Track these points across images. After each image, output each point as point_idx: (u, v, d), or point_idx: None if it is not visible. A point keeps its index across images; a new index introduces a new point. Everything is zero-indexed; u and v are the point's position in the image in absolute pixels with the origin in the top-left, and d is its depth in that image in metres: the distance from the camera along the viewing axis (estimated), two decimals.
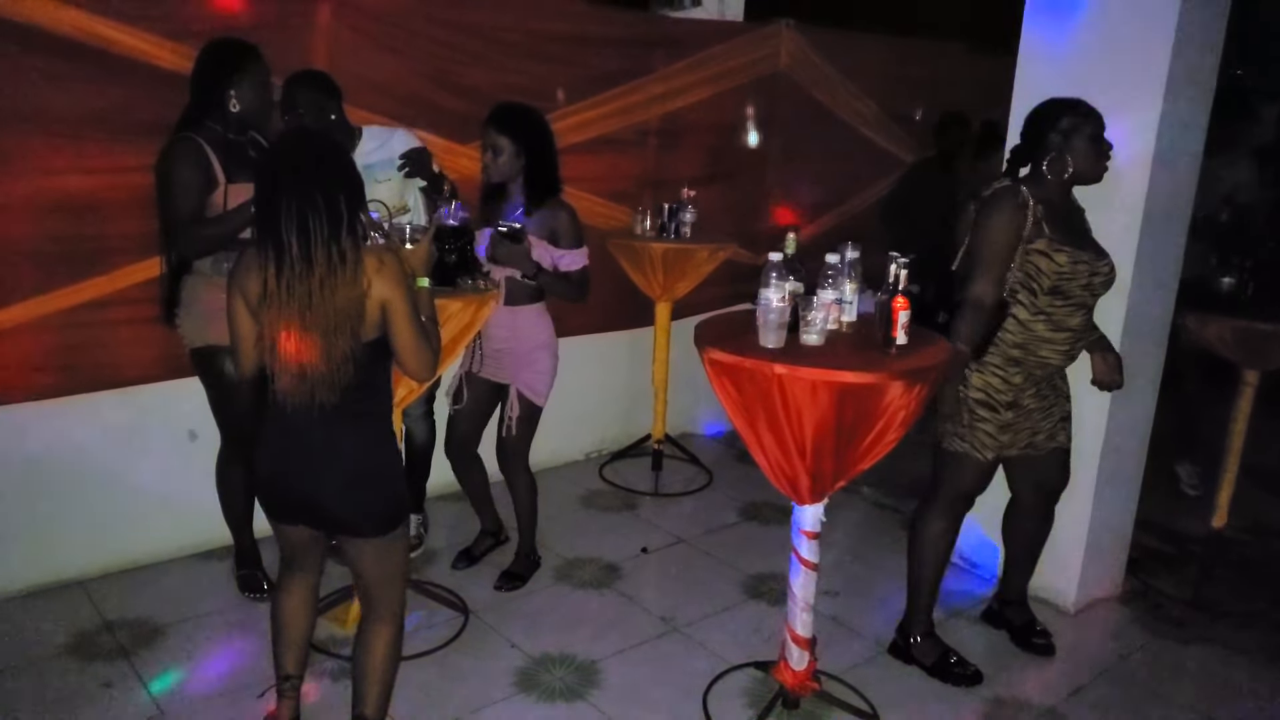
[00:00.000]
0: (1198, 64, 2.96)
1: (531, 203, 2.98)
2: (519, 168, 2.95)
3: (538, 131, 2.97)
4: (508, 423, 3.12)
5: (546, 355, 3.10)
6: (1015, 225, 2.52)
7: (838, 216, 5.05)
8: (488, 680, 2.75)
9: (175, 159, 2.70)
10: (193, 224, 2.71)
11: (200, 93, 2.76)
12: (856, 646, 2.99)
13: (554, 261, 2.98)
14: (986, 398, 2.65)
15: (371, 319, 1.97)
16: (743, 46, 4.44)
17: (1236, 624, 3.23)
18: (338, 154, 2.01)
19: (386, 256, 2.00)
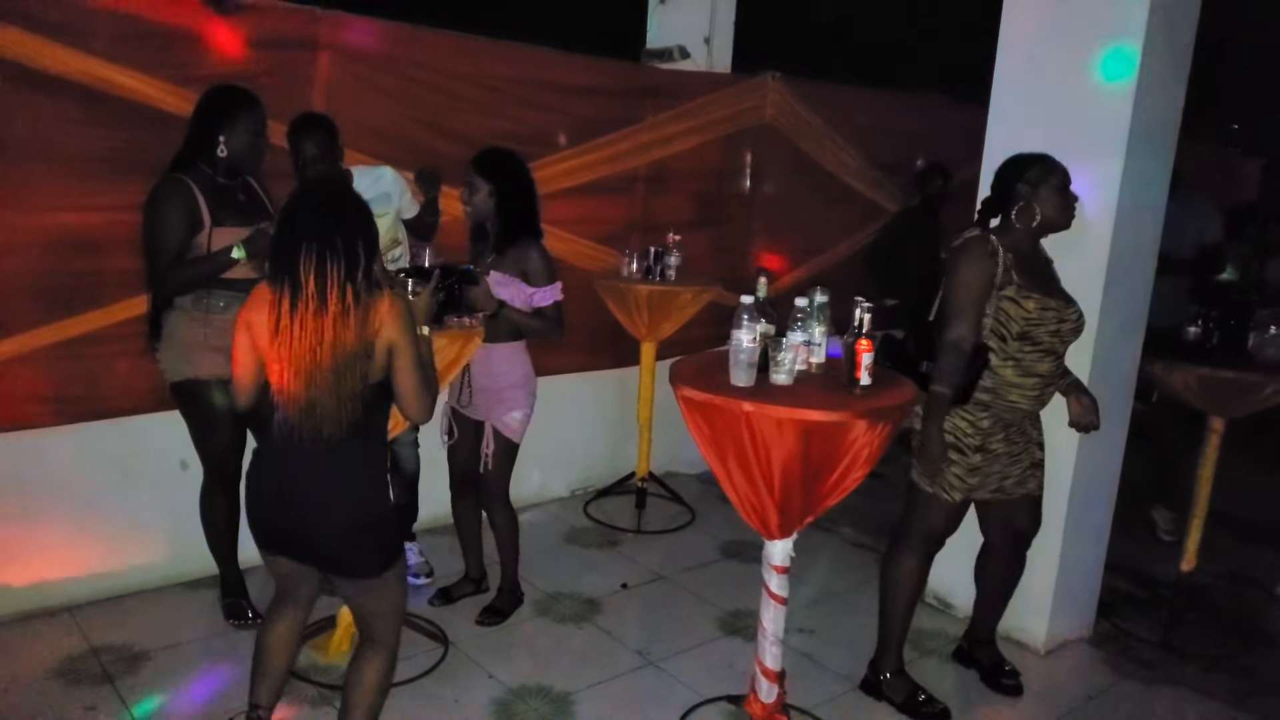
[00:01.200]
0: (1159, 119, 3.09)
1: (503, 241, 3.08)
2: (493, 207, 3.06)
3: (512, 174, 3.08)
4: (484, 459, 3.19)
5: (523, 394, 3.18)
6: (986, 271, 2.63)
7: (821, 263, 5.17)
8: (465, 709, 2.80)
9: (163, 199, 2.81)
10: (175, 264, 2.81)
11: (193, 136, 2.88)
12: (828, 683, 3.04)
13: (527, 299, 3.07)
14: (955, 440, 2.74)
15: (379, 361, 2.04)
16: (729, 98, 4.60)
17: (1204, 667, 3.28)
18: (358, 202, 2.10)
19: (397, 301, 2.07)
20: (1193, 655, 3.35)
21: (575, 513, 4.36)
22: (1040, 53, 3.18)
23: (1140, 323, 3.29)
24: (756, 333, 2.40)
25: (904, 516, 2.89)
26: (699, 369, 2.53)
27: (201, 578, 3.42)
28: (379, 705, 2.29)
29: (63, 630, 3.08)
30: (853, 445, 2.30)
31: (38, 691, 2.74)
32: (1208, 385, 3.24)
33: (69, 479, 3.19)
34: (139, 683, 2.82)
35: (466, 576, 3.52)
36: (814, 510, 2.44)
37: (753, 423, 2.26)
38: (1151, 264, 3.26)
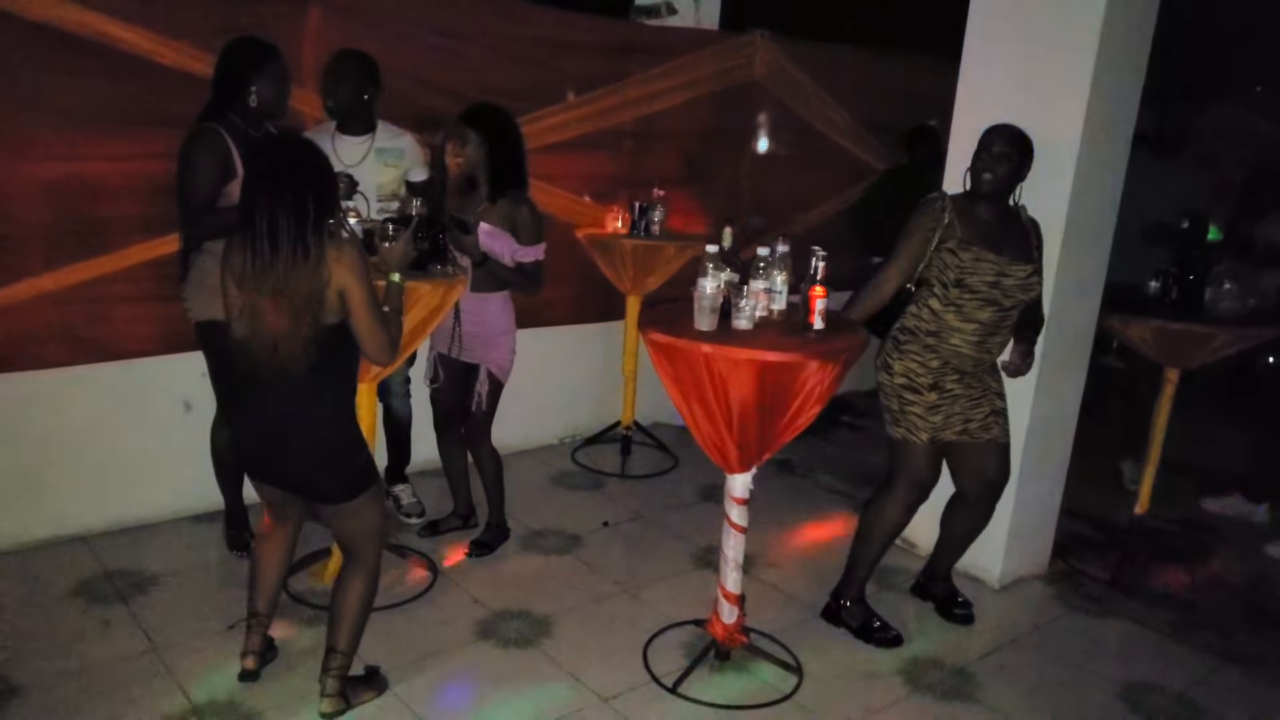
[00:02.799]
0: (1119, 80, 3.20)
1: (494, 193, 3.23)
2: (483, 159, 3.19)
3: (501, 127, 3.21)
4: (477, 399, 3.38)
5: (509, 339, 3.37)
6: (927, 225, 2.84)
7: (809, 219, 5.30)
8: (450, 629, 3.01)
9: (197, 148, 2.92)
10: (206, 209, 2.93)
11: (223, 87, 2.99)
12: (792, 611, 3.25)
13: (511, 253, 3.22)
14: (909, 381, 2.91)
15: (331, 304, 2.23)
16: (717, 55, 4.70)
17: (1149, 602, 3.48)
18: (310, 159, 2.26)
19: (345, 248, 2.25)
20: (1139, 592, 3.55)
21: (563, 459, 4.56)
22: (1009, 7, 3.29)
23: (1099, 278, 3.43)
24: (720, 280, 2.57)
25: (890, 467, 3.04)
26: (667, 315, 2.70)
27: (206, 512, 3.63)
28: (363, 618, 2.52)
29: (78, 556, 3.30)
30: (805, 384, 2.48)
31: (57, 609, 2.97)
32: (1161, 337, 3.40)
33: (81, 417, 3.38)
34: (149, 601, 3.04)
35: (454, 512, 3.72)
36: (770, 446, 2.62)
37: (712, 363, 2.44)
38: (1111, 221, 3.39)
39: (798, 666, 2.90)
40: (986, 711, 2.78)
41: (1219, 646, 3.22)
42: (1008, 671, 2.98)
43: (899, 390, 2.93)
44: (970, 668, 2.99)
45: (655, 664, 2.88)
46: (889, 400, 2.97)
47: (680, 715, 2.66)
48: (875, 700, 2.78)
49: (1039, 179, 3.06)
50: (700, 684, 2.79)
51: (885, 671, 2.93)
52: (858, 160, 5.49)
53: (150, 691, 2.59)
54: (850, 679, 2.88)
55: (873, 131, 5.50)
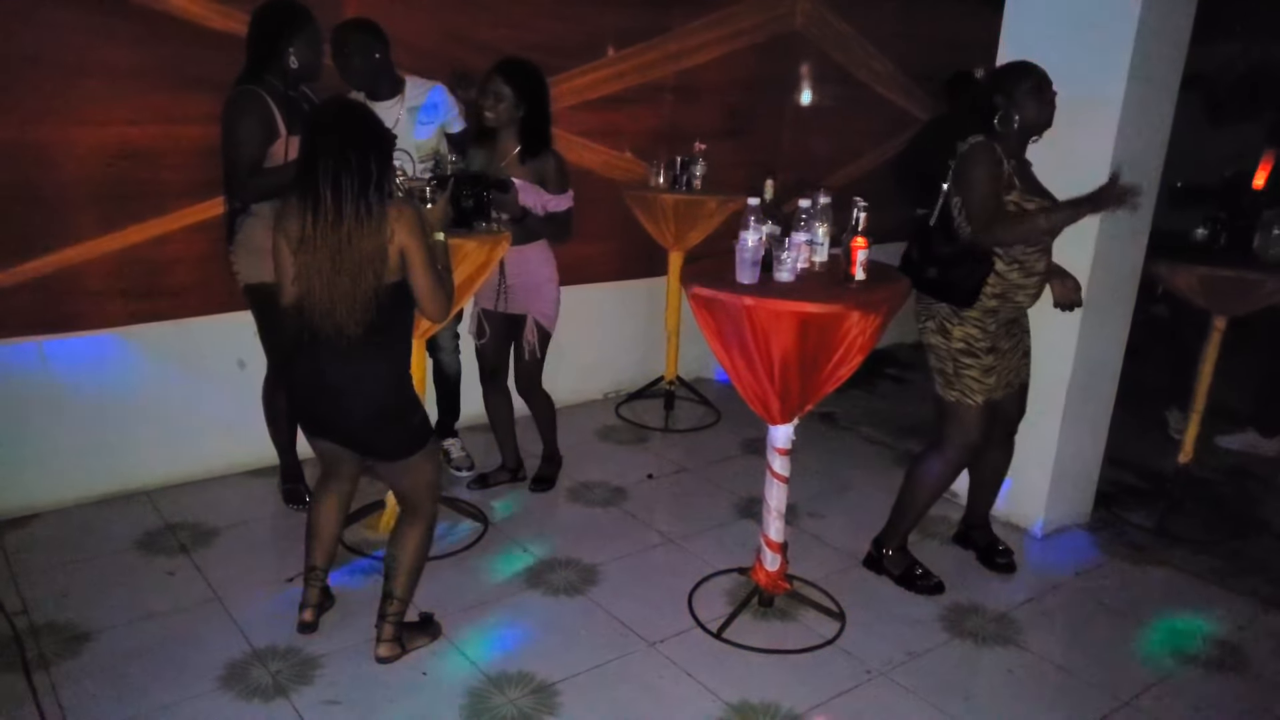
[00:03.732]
0: (1166, 21, 3.13)
1: (527, 150, 3.28)
2: (516, 117, 3.24)
3: (536, 83, 3.25)
4: (528, 347, 3.47)
5: (552, 287, 3.46)
6: (997, 171, 2.76)
7: (853, 171, 5.26)
8: (501, 577, 3.12)
9: (241, 110, 2.98)
10: (253, 172, 3.00)
11: (260, 50, 3.03)
12: (834, 559, 3.31)
13: (543, 204, 3.29)
14: (967, 347, 2.90)
15: (393, 263, 2.30)
16: (758, 5, 4.66)
17: (1192, 550, 3.48)
18: (370, 120, 2.32)
19: (406, 208, 2.31)
20: (1184, 540, 3.55)
21: (608, 414, 4.64)
22: None
23: (1145, 223, 3.38)
24: (762, 233, 2.59)
25: (940, 428, 3.04)
26: (709, 270, 2.73)
27: (261, 467, 3.76)
28: (419, 568, 2.62)
29: (141, 510, 3.45)
30: (846, 335, 2.50)
31: (123, 560, 3.12)
32: (1209, 284, 3.35)
33: (140, 376, 3.51)
34: (211, 552, 3.18)
35: (503, 466, 3.81)
36: (812, 397, 2.66)
37: (753, 315, 2.47)
38: (1158, 164, 3.33)
39: (840, 612, 2.97)
40: (1027, 655, 2.82)
41: (1265, 592, 3.22)
42: (1049, 617, 3.02)
43: (956, 355, 2.92)
44: (1012, 613, 3.03)
45: (700, 610, 2.96)
46: (943, 363, 2.95)
47: (725, 659, 2.74)
48: (917, 644, 2.84)
49: (1084, 119, 3.03)
50: (744, 629, 2.87)
51: (926, 617, 2.99)
52: (901, 110, 5.42)
53: (214, 637, 2.72)
54: (892, 624, 2.94)
55: (916, 80, 5.42)
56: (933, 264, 2.87)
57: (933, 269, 2.87)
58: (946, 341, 2.92)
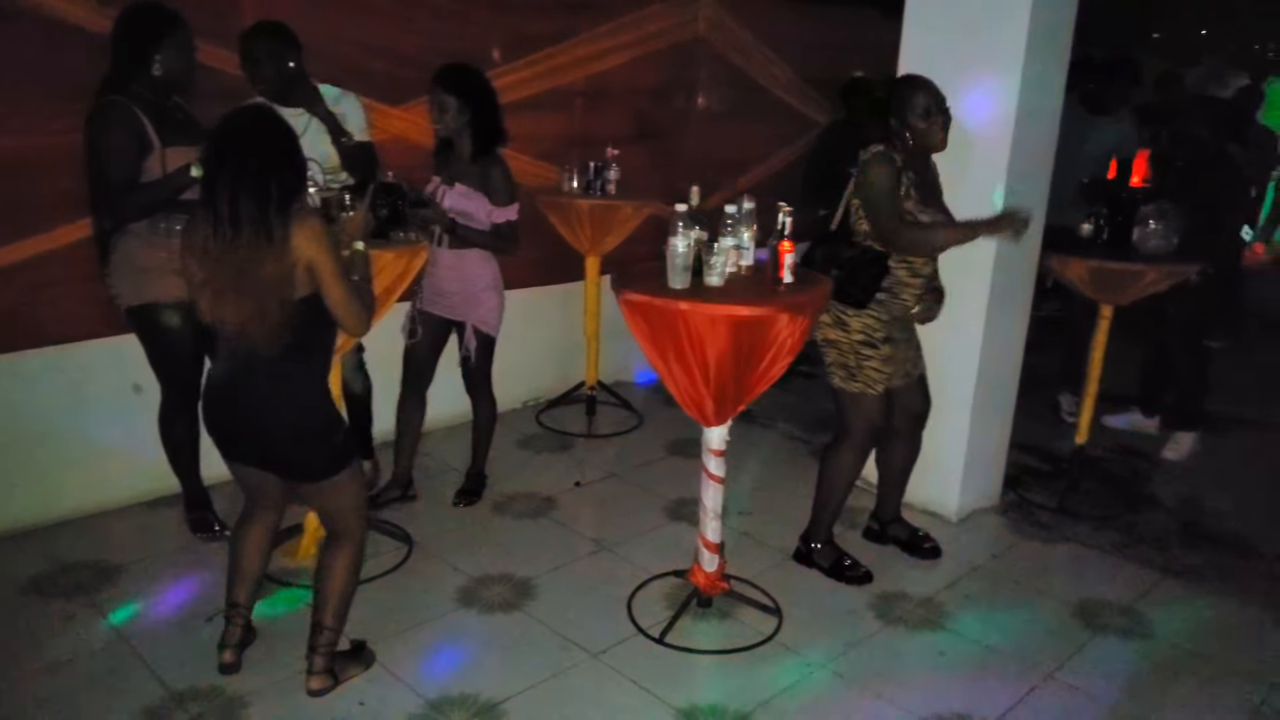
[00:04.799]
0: (1053, 28, 3.32)
1: (476, 154, 3.28)
2: (464, 123, 3.23)
3: (478, 87, 3.25)
4: (467, 354, 3.47)
5: (494, 294, 3.45)
6: (894, 178, 2.88)
7: (757, 174, 5.38)
8: (433, 598, 3.05)
9: (109, 122, 2.78)
10: (127, 188, 2.80)
11: (124, 56, 2.83)
12: (765, 556, 3.38)
13: (487, 214, 3.29)
14: (867, 338, 3.01)
15: (301, 279, 2.20)
16: (663, 12, 4.72)
17: (1093, 526, 3.71)
18: (276, 136, 2.21)
19: (309, 220, 2.21)
20: (1084, 517, 3.77)
21: (528, 422, 4.60)
22: None
23: (1039, 221, 3.57)
24: (691, 239, 2.63)
25: (842, 418, 3.15)
26: (640, 275, 2.75)
27: (162, 496, 3.57)
28: (349, 594, 2.53)
29: (32, 550, 3.22)
30: (778, 337, 2.57)
31: (17, 604, 2.91)
32: (1097, 275, 3.57)
33: (23, 405, 3.28)
34: (113, 593, 2.99)
35: (393, 481, 3.65)
36: (745, 398, 2.71)
37: (689, 320, 2.50)
38: (1048, 165, 3.53)
39: (777, 608, 3.03)
40: (955, 637, 2.95)
41: (1159, 562, 3.45)
42: (971, 599, 3.16)
43: (856, 347, 3.02)
44: (937, 598, 3.16)
45: (640, 616, 2.97)
46: (844, 357, 3.05)
47: (670, 663, 2.76)
48: (854, 634, 2.93)
49: (981, 120, 3.20)
50: (686, 632, 2.89)
51: (859, 607, 3.08)
52: (800, 114, 5.57)
53: (126, 684, 2.55)
54: (827, 616, 3.02)
55: (814, 86, 5.58)
56: (835, 266, 2.96)
57: (835, 270, 2.97)
58: (846, 335, 3.02)
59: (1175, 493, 4.07)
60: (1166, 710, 2.63)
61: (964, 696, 2.65)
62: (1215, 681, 2.77)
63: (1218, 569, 3.42)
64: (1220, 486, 4.12)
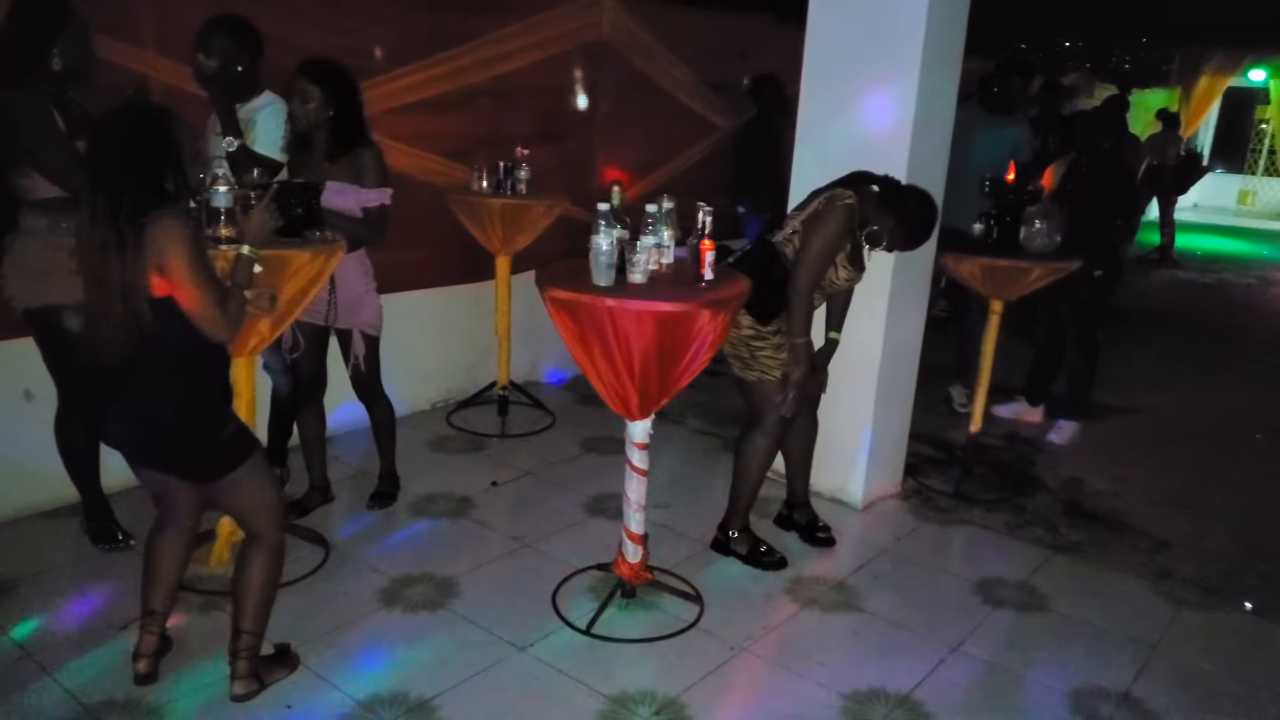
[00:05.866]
0: (947, 37, 3.52)
1: (337, 148, 3.19)
2: (326, 116, 3.16)
3: (342, 81, 3.18)
4: (355, 361, 3.42)
5: (373, 296, 3.41)
6: (845, 238, 3.05)
7: (661, 175, 5.48)
8: (354, 600, 3.01)
9: (34, 110, 2.69)
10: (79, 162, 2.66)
11: (21, 49, 2.73)
12: (684, 546, 3.46)
13: (358, 201, 3.20)
14: (755, 333, 3.14)
15: (157, 280, 2.16)
16: (567, 14, 4.76)
17: (987, 509, 3.95)
18: (138, 139, 2.18)
19: (164, 220, 2.15)
20: (979, 500, 4.01)
21: (439, 424, 4.56)
22: None
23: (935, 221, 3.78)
24: (614, 237, 2.68)
25: (752, 409, 3.27)
26: (562, 273, 2.79)
27: (59, 506, 3.41)
28: (269, 597, 2.48)
29: None
30: (700, 332, 2.65)
31: None
32: (987, 273, 3.80)
33: None
34: (13, 608, 2.84)
35: (314, 487, 3.61)
36: (669, 391, 2.79)
37: (615, 316, 2.56)
38: (942, 170, 3.74)
39: (698, 596, 3.12)
40: (867, 616, 3.09)
41: (1048, 539, 3.71)
42: (880, 580, 3.32)
43: (746, 340, 3.14)
44: (848, 580, 3.31)
45: (566, 609, 3.01)
46: (738, 350, 3.17)
47: (598, 653, 2.81)
48: (772, 619, 3.04)
49: (882, 124, 3.37)
50: (611, 623, 2.95)
51: (776, 592, 3.20)
52: (701, 117, 5.70)
53: (38, 703, 2.44)
54: (746, 601, 3.12)
55: (714, 89, 5.72)
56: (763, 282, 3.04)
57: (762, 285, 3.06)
58: (736, 330, 3.14)
59: (1059, 475, 4.36)
60: (1061, 674, 2.84)
61: (879, 671, 2.80)
62: (1104, 646, 3.00)
63: (1099, 544, 3.70)
64: (1099, 469, 4.44)
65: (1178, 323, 7.79)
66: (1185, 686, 2.81)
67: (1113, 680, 2.81)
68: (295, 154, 3.25)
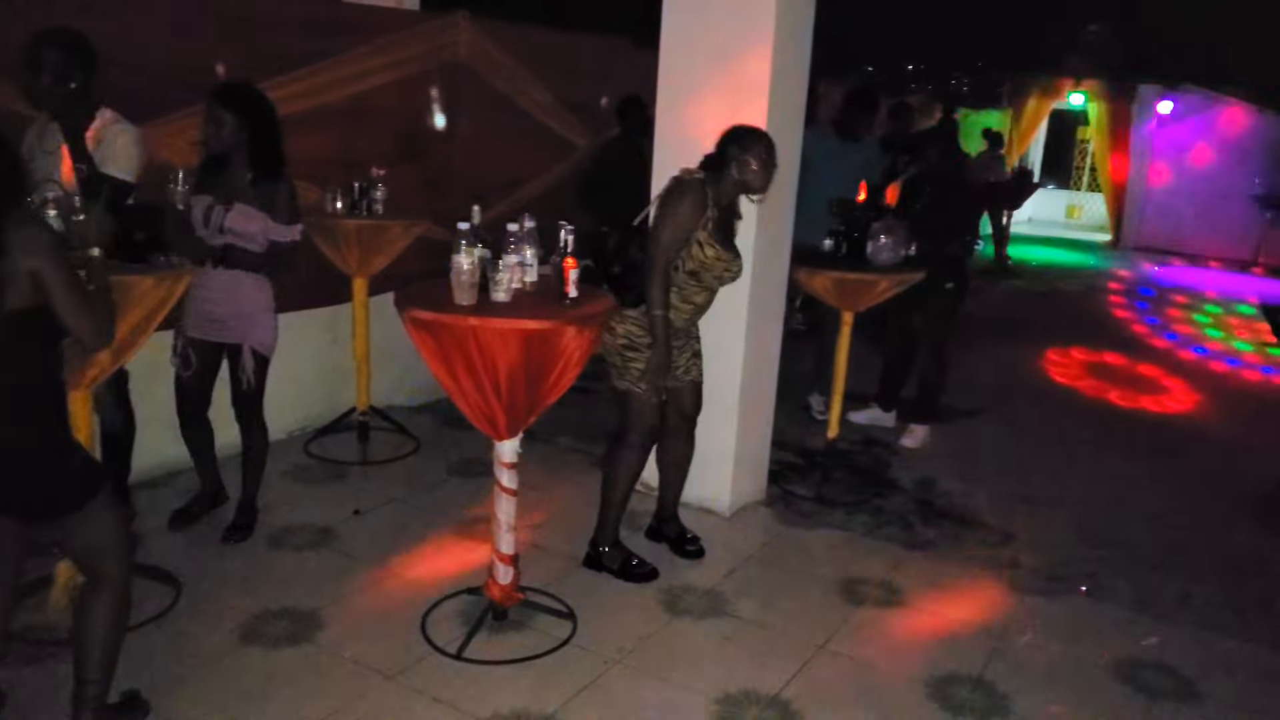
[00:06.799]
0: (793, 61, 3.68)
1: (257, 173, 3.21)
2: (242, 141, 3.14)
3: (259, 106, 3.22)
4: (244, 377, 3.34)
5: (270, 314, 3.40)
6: (699, 211, 3.06)
7: (523, 195, 5.47)
8: (211, 639, 2.87)
9: None
10: None
11: None
12: (556, 565, 3.46)
13: (265, 233, 3.22)
14: (630, 343, 3.18)
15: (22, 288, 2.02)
16: (422, 35, 4.71)
17: (847, 511, 4.11)
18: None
19: (26, 228, 2.05)
20: (839, 503, 4.17)
21: (296, 453, 4.40)
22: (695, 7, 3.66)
23: (787, 238, 3.94)
24: (475, 256, 2.67)
25: (621, 420, 3.30)
26: (423, 294, 2.76)
27: None
28: (116, 643, 2.33)
29: None
30: (566, 349, 2.67)
31: None
32: (838, 286, 3.98)
33: None
34: None
35: (203, 493, 3.62)
36: (536, 410, 2.79)
37: (479, 335, 2.55)
38: (793, 187, 3.90)
39: (571, 613, 3.12)
40: (737, 621, 3.17)
41: (904, 538, 3.90)
42: (748, 586, 3.41)
43: (621, 350, 3.18)
44: (717, 587, 3.38)
45: (436, 635, 2.95)
46: (612, 357, 3.21)
47: (470, 677, 2.77)
48: (645, 629, 3.07)
49: None
50: (483, 646, 2.91)
51: (648, 603, 3.24)
52: (560, 137, 5.74)
53: None
54: (619, 614, 3.15)
55: (573, 109, 5.77)
56: (622, 264, 3.11)
57: (618, 267, 3.12)
58: (612, 338, 3.18)
59: (913, 477, 4.59)
60: (920, 664, 2.98)
61: (749, 674, 2.87)
62: (956, 634, 3.18)
63: (951, 540, 3.91)
64: (949, 469, 4.70)
65: (1016, 328, 8.34)
66: (1030, 667, 3.01)
67: (966, 667, 2.98)
68: (208, 176, 3.23)
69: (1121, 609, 3.43)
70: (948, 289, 4.78)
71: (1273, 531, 4.20)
